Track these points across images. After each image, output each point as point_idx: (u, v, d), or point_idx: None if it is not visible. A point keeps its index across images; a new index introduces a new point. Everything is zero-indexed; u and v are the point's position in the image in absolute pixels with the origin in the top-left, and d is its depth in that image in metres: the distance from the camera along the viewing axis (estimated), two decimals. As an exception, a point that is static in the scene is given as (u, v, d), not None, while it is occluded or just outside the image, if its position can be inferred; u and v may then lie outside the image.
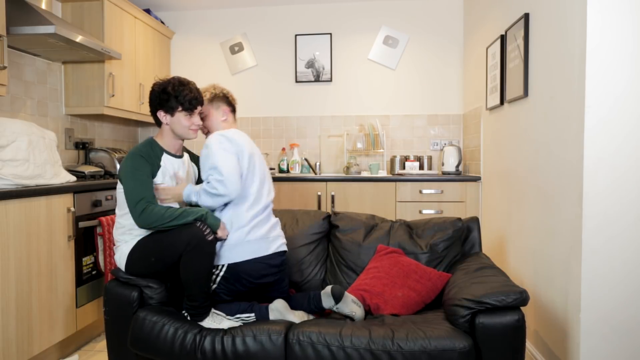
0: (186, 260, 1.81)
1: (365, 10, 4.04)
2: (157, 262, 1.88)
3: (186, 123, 1.99)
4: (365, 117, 4.04)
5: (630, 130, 1.76)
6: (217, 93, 2.16)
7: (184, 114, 1.98)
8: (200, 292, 1.83)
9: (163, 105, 1.97)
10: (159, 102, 1.98)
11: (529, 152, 2.39)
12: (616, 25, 1.76)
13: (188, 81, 2.01)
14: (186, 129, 2.00)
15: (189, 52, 4.22)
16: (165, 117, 1.99)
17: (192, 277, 1.82)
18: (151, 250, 1.88)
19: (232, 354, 1.71)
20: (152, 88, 2.01)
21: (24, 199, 2.18)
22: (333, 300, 1.91)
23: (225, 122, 2.15)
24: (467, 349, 1.59)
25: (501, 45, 2.79)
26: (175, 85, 1.97)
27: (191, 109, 1.99)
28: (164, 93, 1.97)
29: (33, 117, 2.95)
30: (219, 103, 2.15)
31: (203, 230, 1.82)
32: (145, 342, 1.79)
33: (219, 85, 2.21)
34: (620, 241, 1.78)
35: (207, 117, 2.14)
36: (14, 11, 2.49)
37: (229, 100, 2.19)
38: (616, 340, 1.80)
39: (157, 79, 2.04)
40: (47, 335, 2.33)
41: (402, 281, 1.96)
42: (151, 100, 2.01)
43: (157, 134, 2.07)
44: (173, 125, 2.00)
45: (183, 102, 1.96)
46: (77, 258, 2.55)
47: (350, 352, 1.63)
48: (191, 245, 1.79)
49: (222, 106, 2.15)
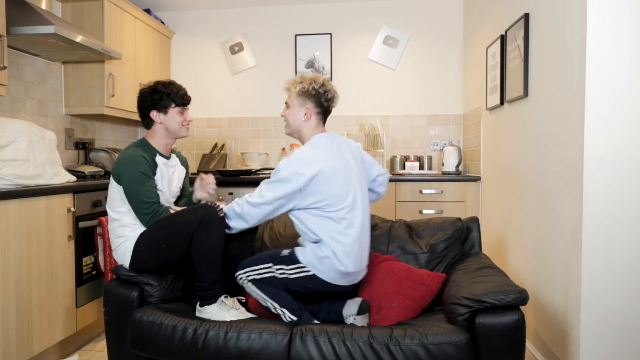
0: (198, 237, 1.85)
1: (365, 10, 4.04)
2: (168, 249, 1.90)
3: (179, 119, 2.07)
4: (365, 117, 4.04)
5: (630, 130, 1.76)
6: (309, 89, 1.94)
7: (177, 110, 2.06)
8: (209, 272, 1.87)
9: (156, 105, 2.04)
10: (152, 102, 2.04)
11: (529, 152, 2.39)
12: (616, 25, 1.76)
13: (174, 81, 2.11)
14: (179, 125, 2.08)
15: (189, 52, 4.22)
16: (158, 116, 2.05)
17: (202, 254, 1.86)
18: (160, 237, 1.91)
19: (235, 350, 1.71)
20: (141, 92, 2.08)
21: (24, 199, 2.18)
22: (357, 310, 1.88)
23: (307, 123, 1.96)
24: (463, 342, 1.60)
25: (501, 45, 2.79)
26: (165, 85, 2.06)
27: (184, 104, 2.08)
28: (155, 92, 2.04)
29: (33, 117, 2.95)
30: (304, 99, 1.96)
31: (215, 207, 1.88)
32: (145, 342, 1.79)
33: (321, 79, 1.97)
34: (620, 241, 1.79)
35: (290, 108, 1.98)
36: (14, 11, 2.49)
37: (320, 100, 1.95)
38: (616, 340, 1.80)
39: (142, 85, 2.13)
40: (47, 335, 2.33)
41: (396, 289, 1.95)
42: (142, 103, 2.07)
43: (147, 134, 2.11)
44: (167, 122, 2.06)
45: (175, 98, 2.05)
46: (77, 258, 2.55)
47: (351, 347, 1.64)
48: (204, 222, 1.84)
49: (308, 104, 1.96)
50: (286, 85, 2.02)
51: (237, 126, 4.20)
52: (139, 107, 2.08)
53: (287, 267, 1.86)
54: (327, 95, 1.95)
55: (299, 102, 1.96)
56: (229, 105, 4.19)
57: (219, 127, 4.21)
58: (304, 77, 1.98)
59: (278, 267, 1.87)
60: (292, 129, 2.00)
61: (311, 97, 1.94)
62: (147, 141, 2.08)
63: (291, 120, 1.98)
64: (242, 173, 3.55)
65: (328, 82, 1.99)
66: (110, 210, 2.01)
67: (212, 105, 4.20)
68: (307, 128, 1.97)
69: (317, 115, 1.96)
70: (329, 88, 1.96)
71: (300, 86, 1.94)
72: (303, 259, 1.85)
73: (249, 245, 2.16)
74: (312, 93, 1.93)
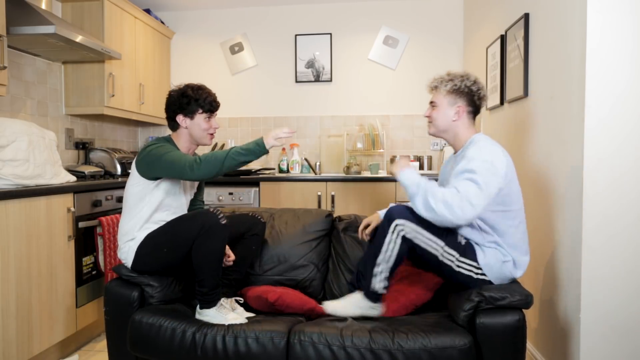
0: (199, 244, 1.84)
1: (365, 10, 4.04)
2: (169, 253, 1.90)
3: (205, 126, 2.04)
4: (365, 117, 4.04)
5: (630, 130, 1.76)
6: (461, 86, 1.83)
7: (204, 116, 2.03)
8: (209, 277, 1.86)
9: (183, 109, 2.01)
10: (179, 106, 2.02)
11: (529, 152, 2.39)
12: (616, 25, 1.76)
13: (204, 86, 2.07)
14: (204, 133, 2.05)
15: (189, 52, 4.22)
16: (184, 120, 2.03)
17: (203, 260, 1.85)
18: (163, 241, 1.91)
19: (233, 354, 1.71)
20: (170, 94, 2.06)
21: (24, 199, 2.18)
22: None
23: (458, 123, 1.85)
24: (467, 346, 1.59)
25: (501, 45, 2.79)
26: (194, 89, 2.03)
27: (211, 110, 2.04)
28: (184, 97, 2.01)
29: (33, 117, 2.95)
30: (455, 98, 1.85)
31: (217, 214, 1.86)
32: (145, 344, 1.80)
33: (473, 76, 1.85)
34: (620, 241, 1.78)
35: (438, 108, 1.88)
36: (14, 11, 2.49)
37: (473, 98, 1.84)
38: (616, 340, 1.80)
39: (173, 86, 2.10)
40: (47, 335, 2.33)
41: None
42: (170, 105, 2.05)
43: (172, 134, 2.09)
44: (192, 128, 2.04)
45: (203, 104, 2.01)
46: (77, 258, 2.55)
47: (351, 352, 1.63)
48: (205, 229, 1.83)
49: (460, 103, 1.84)
50: (433, 83, 1.91)
51: (237, 126, 4.20)
52: (166, 109, 2.06)
53: (460, 257, 1.73)
54: (480, 93, 1.84)
55: (449, 100, 1.85)
56: (228, 105, 4.18)
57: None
58: (452, 73, 1.87)
59: (448, 251, 1.72)
60: (440, 129, 1.89)
61: (463, 95, 1.83)
62: (173, 141, 2.07)
63: (440, 120, 1.87)
64: (242, 173, 3.55)
65: (479, 79, 1.87)
66: (125, 208, 2.00)
67: (212, 105, 4.20)
68: (461, 128, 1.86)
69: (469, 114, 1.86)
70: (482, 86, 1.86)
71: (451, 84, 1.84)
72: (482, 261, 1.73)
73: (254, 249, 2.15)
74: (465, 91, 1.83)
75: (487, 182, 1.65)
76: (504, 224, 1.75)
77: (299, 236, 2.31)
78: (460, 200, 1.62)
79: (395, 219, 1.71)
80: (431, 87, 1.93)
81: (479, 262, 1.73)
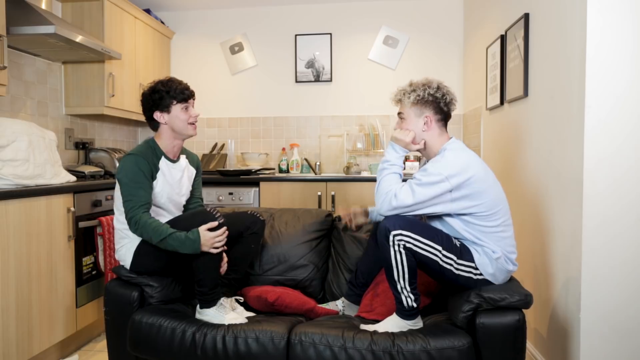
0: None
1: (365, 10, 4.04)
2: (168, 254, 1.89)
3: (184, 116, 2.01)
4: (365, 117, 4.04)
5: (631, 130, 1.76)
6: (424, 96, 1.80)
7: (179, 107, 2.01)
8: (208, 277, 1.86)
9: (158, 105, 2.00)
10: (153, 103, 2.01)
11: (529, 152, 2.39)
12: (616, 25, 1.76)
13: (174, 78, 2.06)
14: (185, 123, 2.02)
15: (189, 52, 4.22)
16: (162, 116, 2.01)
17: (202, 260, 1.85)
18: None
19: (233, 354, 1.71)
20: (142, 94, 2.05)
21: (24, 199, 2.18)
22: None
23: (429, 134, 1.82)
24: (466, 346, 1.59)
25: (501, 45, 2.79)
26: (164, 83, 2.02)
27: (185, 99, 2.02)
28: (155, 92, 2.00)
29: (33, 117, 2.95)
30: (422, 109, 1.81)
31: (214, 214, 1.87)
32: (144, 344, 1.80)
33: (435, 82, 1.82)
34: (620, 241, 1.79)
35: (406, 120, 1.84)
36: (14, 11, 2.49)
37: (439, 105, 1.80)
38: (616, 340, 1.80)
39: (143, 88, 2.09)
40: (47, 335, 2.33)
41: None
42: (145, 105, 2.04)
43: (155, 135, 2.08)
44: (172, 122, 2.02)
45: (175, 94, 1.99)
46: (77, 258, 2.55)
47: (352, 353, 1.63)
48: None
49: (427, 112, 1.81)
50: (396, 96, 1.87)
51: (237, 126, 4.20)
52: (143, 111, 2.05)
53: (458, 259, 1.71)
54: (446, 98, 1.81)
55: (415, 111, 1.82)
56: (228, 105, 4.19)
57: (218, 127, 4.21)
58: (415, 83, 1.84)
59: (447, 255, 1.70)
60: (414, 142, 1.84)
61: (428, 103, 1.80)
62: (155, 142, 2.04)
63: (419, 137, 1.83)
64: (242, 173, 3.55)
65: (442, 84, 1.84)
66: (116, 210, 2.00)
67: (212, 105, 4.20)
68: (432, 138, 1.82)
69: (438, 122, 1.82)
70: (447, 90, 1.83)
71: (414, 95, 1.80)
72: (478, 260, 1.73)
73: (253, 247, 2.15)
74: (429, 99, 1.80)
75: (423, 192, 1.69)
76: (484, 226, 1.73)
77: (299, 236, 2.31)
78: (387, 195, 1.74)
79: (391, 231, 1.68)
80: (395, 100, 1.89)
81: (475, 262, 1.73)
